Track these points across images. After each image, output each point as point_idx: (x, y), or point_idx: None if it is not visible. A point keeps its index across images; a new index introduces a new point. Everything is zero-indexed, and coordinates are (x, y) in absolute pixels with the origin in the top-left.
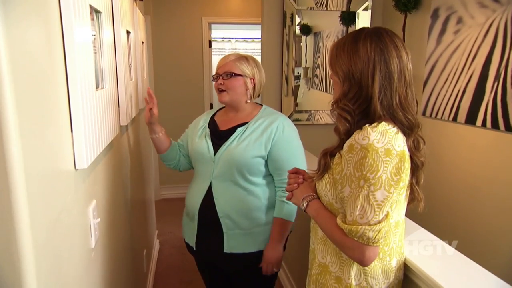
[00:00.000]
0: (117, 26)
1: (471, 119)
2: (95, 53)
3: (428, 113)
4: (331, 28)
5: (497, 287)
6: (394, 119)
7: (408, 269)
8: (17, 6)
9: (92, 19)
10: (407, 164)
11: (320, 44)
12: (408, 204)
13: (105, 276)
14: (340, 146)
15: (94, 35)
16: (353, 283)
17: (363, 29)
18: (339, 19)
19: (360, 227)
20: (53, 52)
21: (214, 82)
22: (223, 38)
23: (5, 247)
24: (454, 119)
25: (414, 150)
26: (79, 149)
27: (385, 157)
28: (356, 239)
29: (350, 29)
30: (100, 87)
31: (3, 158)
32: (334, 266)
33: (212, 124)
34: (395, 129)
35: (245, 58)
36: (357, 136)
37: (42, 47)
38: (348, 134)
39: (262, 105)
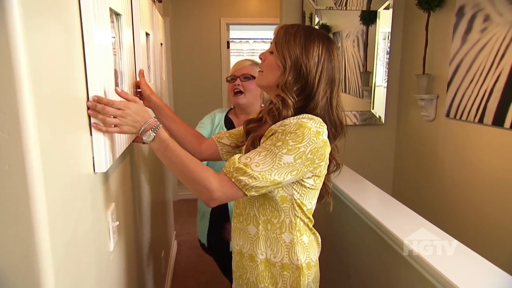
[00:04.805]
0: (137, 28)
1: (498, 121)
2: (115, 55)
3: (452, 114)
4: (350, 28)
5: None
6: (326, 120)
7: (415, 262)
8: (37, 11)
9: (112, 22)
10: (327, 155)
11: (340, 44)
12: (318, 201)
13: (123, 279)
14: (265, 130)
15: (114, 37)
16: (302, 262)
17: (313, 28)
18: (359, 18)
19: (250, 170)
20: (73, 56)
21: (228, 84)
22: (241, 38)
23: (24, 252)
24: (480, 120)
25: (336, 152)
26: (98, 152)
27: (313, 136)
28: (233, 179)
29: (371, 29)
30: (119, 89)
31: (22, 163)
32: (278, 256)
33: (229, 123)
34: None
35: None
36: (292, 118)
37: (62, 51)
38: (275, 121)
39: None
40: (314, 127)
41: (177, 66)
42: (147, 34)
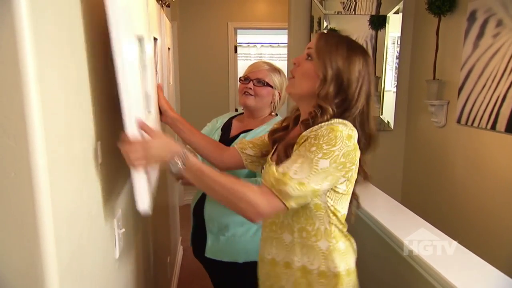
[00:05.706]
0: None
1: None
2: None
3: (463, 120)
4: (359, 32)
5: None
6: (360, 133)
7: (415, 262)
8: (46, 12)
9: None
10: (358, 159)
11: None
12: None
13: (129, 286)
14: (296, 137)
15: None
16: (341, 269)
17: (354, 41)
18: (368, 23)
19: (290, 179)
20: (83, 61)
21: (240, 84)
22: (248, 43)
23: (29, 260)
24: (493, 127)
25: (365, 163)
26: (141, 192)
27: (345, 139)
28: (275, 190)
29: (380, 34)
30: (147, 111)
31: (29, 170)
32: (315, 263)
33: (227, 127)
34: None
35: (278, 71)
36: (323, 124)
37: (72, 55)
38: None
39: (276, 115)
40: (345, 131)
41: (185, 71)
42: (154, 39)
